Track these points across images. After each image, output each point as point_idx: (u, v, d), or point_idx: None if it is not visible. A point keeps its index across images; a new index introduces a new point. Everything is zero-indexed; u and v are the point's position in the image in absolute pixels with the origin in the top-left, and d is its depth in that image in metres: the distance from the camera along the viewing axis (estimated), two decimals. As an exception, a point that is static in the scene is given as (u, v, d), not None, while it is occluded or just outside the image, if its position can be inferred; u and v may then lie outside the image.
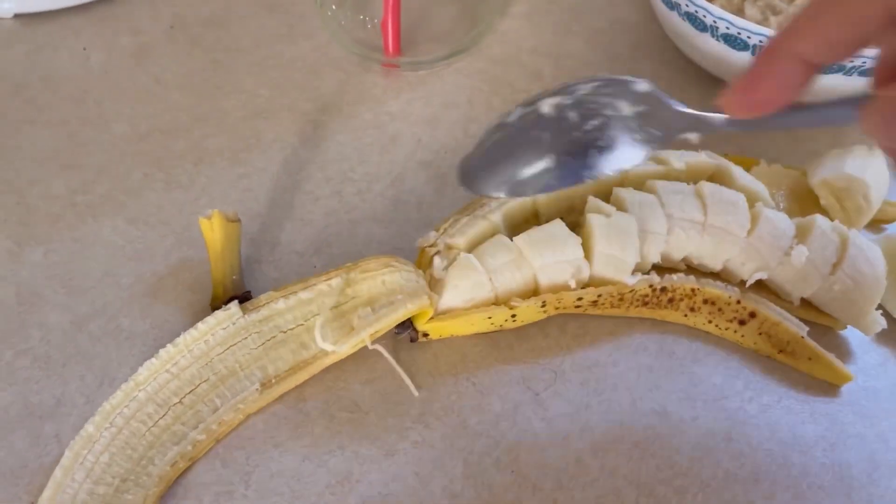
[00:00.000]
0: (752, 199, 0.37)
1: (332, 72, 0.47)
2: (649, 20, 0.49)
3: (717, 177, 0.38)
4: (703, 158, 0.38)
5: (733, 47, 0.40)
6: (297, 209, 0.41)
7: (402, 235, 0.40)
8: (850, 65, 0.38)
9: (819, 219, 0.36)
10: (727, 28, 0.38)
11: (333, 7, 0.45)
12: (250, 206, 0.41)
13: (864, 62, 0.37)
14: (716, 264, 0.36)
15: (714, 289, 0.36)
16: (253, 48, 0.48)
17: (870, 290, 0.35)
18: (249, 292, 0.37)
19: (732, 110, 0.28)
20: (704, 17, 0.39)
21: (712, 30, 0.39)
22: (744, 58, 0.40)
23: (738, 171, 0.37)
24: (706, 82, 0.46)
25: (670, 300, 0.36)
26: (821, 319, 0.37)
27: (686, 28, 0.41)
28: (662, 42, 0.48)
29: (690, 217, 0.35)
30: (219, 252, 0.36)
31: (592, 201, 0.36)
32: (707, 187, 0.36)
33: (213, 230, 0.36)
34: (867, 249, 0.35)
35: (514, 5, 0.50)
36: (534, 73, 0.47)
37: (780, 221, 0.35)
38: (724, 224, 0.35)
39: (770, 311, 0.36)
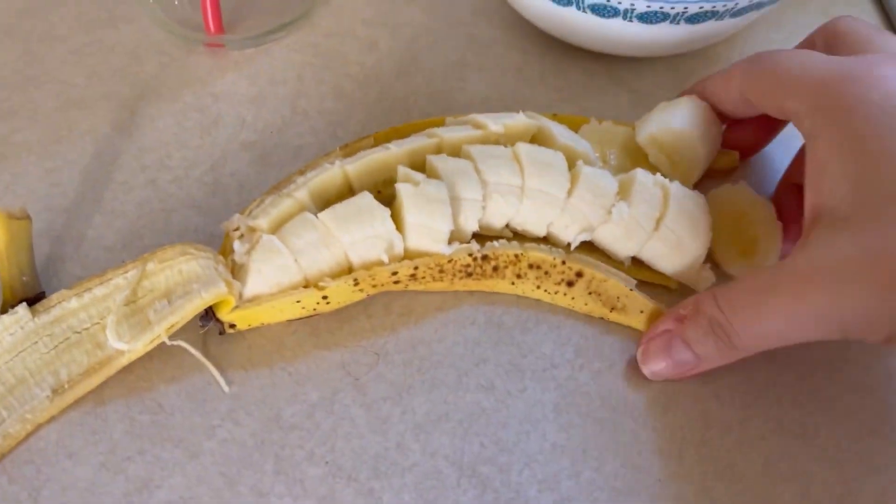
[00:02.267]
0: (574, 159, 0.35)
1: (154, 56, 0.44)
2: (491, -17, 0.47)
3: (538, 138, 0.36)
4: (523, 119, 0.36)
5: (558, 3, 0.38)
6: (107, 202, 0.38)
7: (219, 221, 0.37)
8: (623, 7, 0.37)
9: (639, 173, 0.34)
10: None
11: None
12: (57, 201, 0.38)
13: (686, 7, 0.36)
14: (540, 229, 0.35)
15: (538, 252, 0.34)
16: (70, 36, 0.45)
17: (695, 245, 0.34)
18: (43, 293, 0.34)
19: None
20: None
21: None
22: (569, 14, 0.38)
23: (558, 130, 0.35)
24: (546, 43, 0.44)
25: (495, 268, 0.35)
26: (654, 279, 0.36)
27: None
28: (501, 4, 0.46)
29: (507, 181, 0.34)
30: (2, 252, 0.33)
31: (402, 171, 0.34)
32: (523, 148, 0.34)
33: (-6, 230, 0.33)
34: (690, 201, 0.34)
35: (351, -25, 0.48)
36: (369, 44, 0.45)
37: (600, 179, 0.34)
38: (542, 186, 0.34)
39: (597, 269, 0.34)
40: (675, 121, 0.35)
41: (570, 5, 0.38)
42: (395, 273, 0.33)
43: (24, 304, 0.32)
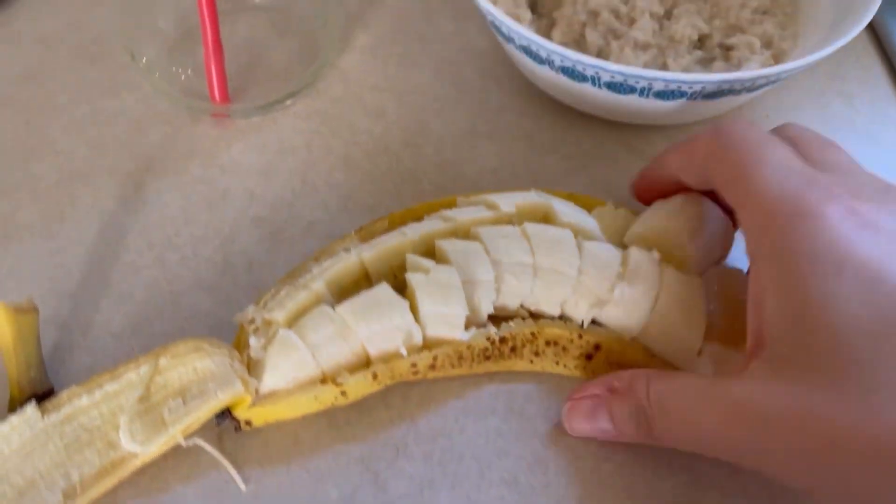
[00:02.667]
0: (581, 236, 0.34)
1: (158, 126, 0.43)
2: (498, 47, 0.47)
3: (549, 217, 0.35)
4: (534, 198, 0.35)
5: (573, 79, 0.38)
6: (114, 284, 0.37)
7: (230, 303, 0.37)
8: (640, 86, 0.36)
9: (634, 251, 0.34)
10: (562, 61, 0.36)
11: (144, 59, 0.41)
12: (63, 284, 0.37)
13: (650, 84, 0.36)
14: (553, 308, 0.34)
15: (555, 328, 0.34)
16: (70, 105, 0.44)
17: (688, 333, 0.33)
18: (52, 388, 0.33)
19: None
20: (538, 50, 0.37)
21: (549, 63, 0.37)
22: (584, 89, 0.38)
23: (562, 209, 0.35)
24: (556, 110, 0.44)
25: (512, 349, 0.34)
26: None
27: (525, 59, 0.39)
28: (512, 69, 0.46)
29: (518, 260, 0.33)
30: (10, 348, 0.32)
31: (411, 259, 0.33)
32: (531, 227, 0.34)
33: (0, 325, 0.32)
34: (683, 288, 0.33)
35: (356, 38, 0.47)
36: (377, 111, 0.44)
37: (602, 252, 0.33)
38: (553, 264, 0.33)
39: (614, 340, 0.34)
40: (660, 220, 0.35)
41: (586, 82, 0.37)
42: (414, 365, 0.32)
43: (34, 402, 0.31)
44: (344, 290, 0.34)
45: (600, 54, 0.40)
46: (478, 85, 0.45)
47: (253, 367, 0.31)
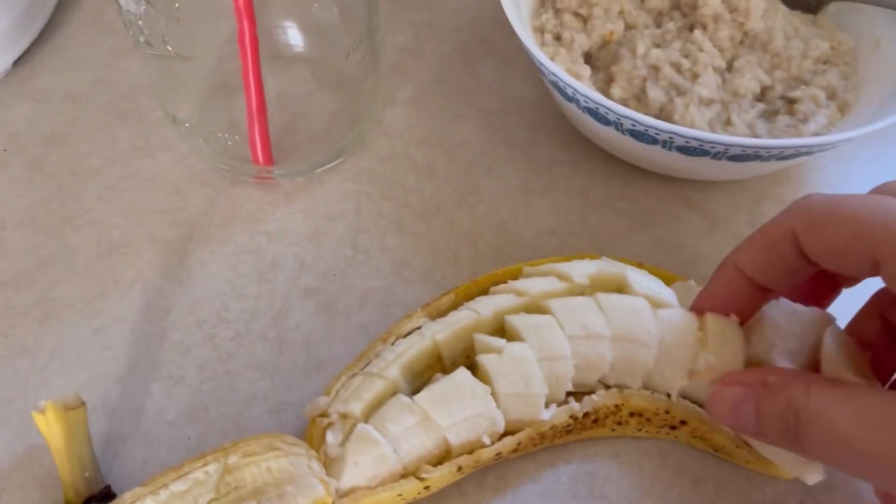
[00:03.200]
0: (657, 306, 0.33)
1: (198, 188, 0.41)
2: (544, 96, 0.45)
3: (623, 286, 0.34)
4: (605, 267, 0.34)
5: (642, 141, 0.36)
6: (164, 365, 0.35)
7: (289, 385, 0.35)
8: (714, 150, 0.35)
9: (710, 318, 0.32)
10: (633, 125, 0.35)
11: (187, 125, 0.39)
12: (109, 367, 0.35)
13: (727, 149, 0.34)
14: (635, 381, 0.33)
15: (640, 400, 0.32)
16: (105, 167, 0.42)
17: None
18: (109, 487, 0.31)
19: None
20: (607, 113, 0.35)
21: (616, 125, 0.36)
22: (654, 150, 0.37)
23: (635, 278, 0.33)
24: (610, 163, 0.42)
25: (595, 421, 0.33)
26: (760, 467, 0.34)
27: (588, 119, 0.37)
28: (560, 120, 0.44)
29: (594, 332, 0.32)
30: (62, 449, 0.30)
31: (479, 340, 0.31)
32: (604, 298, 0.32)
33: (49, 425, 0.30)
34: None
35: (399, 90, 0.45)
36: (425, 168, 0.42)
37: (680, 319, 0.32)
38: (630, 333, 0.32)
39: (702, 421, 0.33)
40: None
41: (656, 144, 0.36)
42: (498, 453, 0.31)
43: (93, 506, 0.29)
44: (417, 375, 0.32)
45: (662, 111, 0.38)
46: (526, 138, 0.44)
47: (330, 465, 0.30)
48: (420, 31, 0.48)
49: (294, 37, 0.41)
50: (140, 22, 0.33)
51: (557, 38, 0.41)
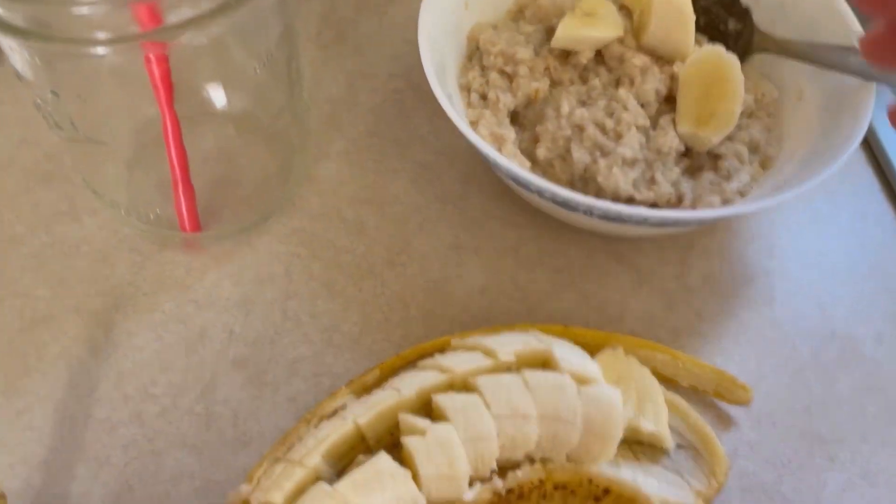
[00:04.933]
0: (582, 383, 0.33)
1: (125, 254, 0.40)
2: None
3: (549, 362, 0.34)
4: (533, 343, 0.34)
5: (564, 208, 0.36)
6: (89, 446, 0.35)
7: (216, 463, 0.35)
8: (633, 219, 0.35)
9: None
10: (553, 196, 0.35)
11: (108, 198, 0.39)
12: (33, 450, 0.35)
13: (646, 219, 0.35)
14: (560, 457, 0.33)
15: (563, 473, 0.33)
16: (28, 235, 0.41)
17: None
18: (31, 583, 0.31)
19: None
20: (527, 184, 0.35)
21: (539, 193, 0.36)
22: (576, 217, 0.37)
23: (561, 354, 0.34)
24: (541, 217, 0.42)
25: (519, 496, 0.33)
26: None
27: (513, 184, 0.38)
28: (493, 173, 0.44)
29: (521, 412, 0.32)
30: (-18, 549, 0.30)
31: (405, 421, 0.32)
32: (530, 376, 0.33)
33: (-31, 526, 0.29)
34: None
35: (332, 144, 0.45)
36: (357, 226, 0.42)
37: (601, 394, 0.32)
38: (555, 411, 0.32)
39: (624, 486, 0.33)
40: None
41: (578, 212, 0.36)
42: (420, 535, 0.31)
43: None
44: (341, 457, 0.32)
45: (587, 171, 0.39)
46: (458, 191, 0.44)
47: (251, 556, 0.30)
48: (354, 80, 0.48)
49: (220, 96, 0.41)
50: (48, 107, 0.32)
51: (483, 97, 0.41)
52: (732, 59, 0.38)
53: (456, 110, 0.38)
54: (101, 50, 0.28)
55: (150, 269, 0.40)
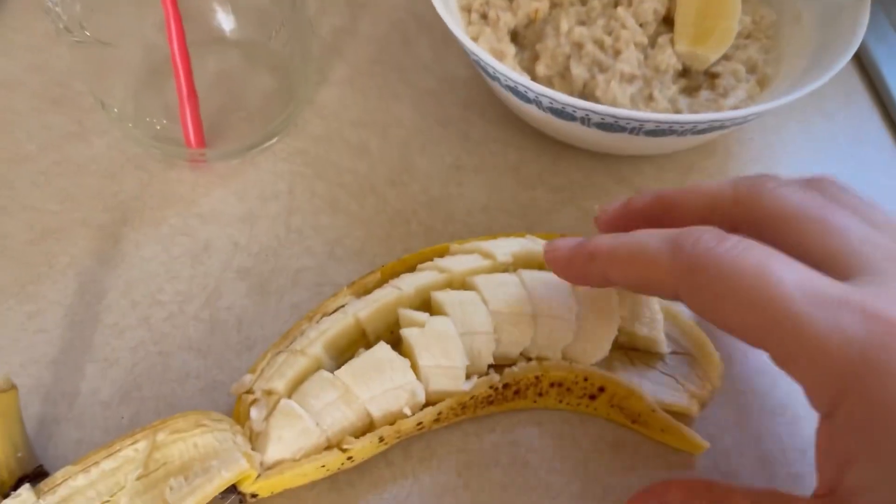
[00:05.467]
0: None
1: (132, 172, 0.41)
2: (478, 75, 0.46)
3: (545, 264, 0.35)
4: (528, 245, 0.35)
5: (562, 118, 0.37)
6: (98, 347, 0.36)
7: (221, 364, 0.36)
8: (630, 126, 0.36)
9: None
10: (550, 103, 0.36)
11: (115, 110, 0.40)
12: (43, 350, 0.36)
13: (642, 124, 0.35)
14: (556, 353, 0.34)
15: (559, 371, 0.34)
16: (38, 154, 0.42)
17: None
18: (41, 466, 0.32)
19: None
20: (526, 91, 0.36)
21: (537, 103, 0.37)
22: (573, 127, 0.37)
23: None
24: (542, 140, 0.43)
25: (516, 392, 0.34)
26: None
27: (511, 97, 0.38)
28: (493, 98, 0.45)
29: (516, 309, 0.33)
30: (-5, 431, 0.31)
31: (404, 315, 0.33)
32: (527, 275, 0.33)
33: (-19, 409, 0.30)
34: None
35: (334, 71, 0.46)
36: (359, 148, 0.43)
37: (595, 293, 0.33)
38: (550, 309, 0.33)
39: (619, 384, 0.34)
40: None
41: (575, 121, 0.37)
42: (419, 423, 0.32)
43: (27, 484, 0.30)
44: (342, 351, 0.33)
45: (586, 87, 0.39)
46: (460, 116, 0.44)
47: (255, 440, 0.31)
48: (356, 11, 0.49)
49: (223, 19, 0.42)
50: (57, 8, 0.33)
51: (484, 16, 0.41)
52: (730, -24, 0.39)
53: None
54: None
55: (157, 186, 0.41)
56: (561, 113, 0.36)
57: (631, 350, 0.36)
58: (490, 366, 0.33)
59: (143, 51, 0.40)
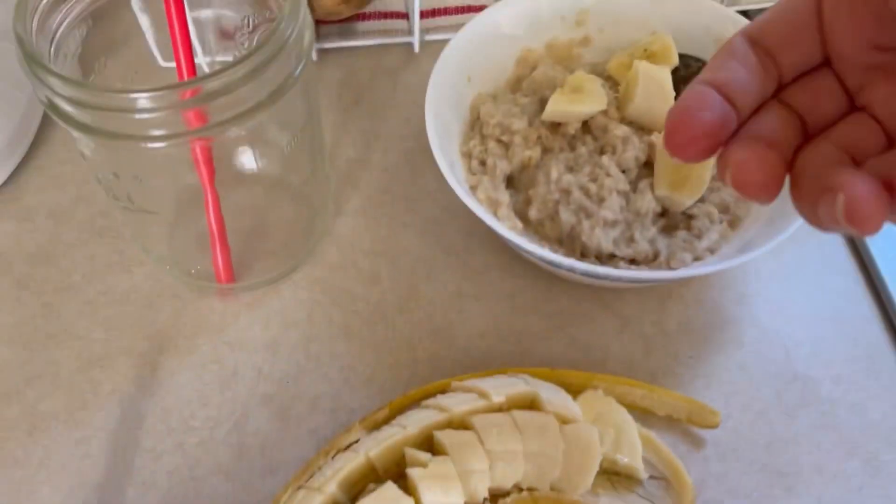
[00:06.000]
0: (565, 422, 0.38)
1: (168, 300, 0.46)
2: (479, 204, 0.51)
3: (535, 403, 0.39)
4: (522, 387, 0.39)
5: (552, 266, 0.42)
6: (138, 471, 0.40)
7: (246, 488, 0.40)
8: (610, 278, 0.40)
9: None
10: (540, 257, 0.40)
11: (155, 254, 0.45)
12: (89, 474, 0.40)
13: (620, 277, 0.40)
14: (544, 486, 0.38)
15: (547, 501, 0.38)
16: (84, 284, 0.47)
17: None
18: (92, 590, 0.36)
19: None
20: (516, 247, 0.41)
21: (529, 253, 0.41)
22: (562, 272, 0.42)
23: (546, 396, 0.39)
24: (535, 270, 0.48)
25: None
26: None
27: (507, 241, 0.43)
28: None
29: (509, 448, 0.37)
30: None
31: (409, 454, 0.37)
32: (519, 416, 0.38)
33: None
34: None
35: (349, 201, 0.51)
36: (371, 276, 0.48)
37: (581, 432, 0.37)
38: (540, 448, 0.37)
39: None
40: None
41: (563, 269, 0.41)
42: (423, 557, 0.36)
43: None
44: (353, 485, 0.37)
45: (573, 231, 0.44)
46: (462, 244, 0.49)
47: (277, 570, 0.35)
48: (369, 141, 0.54)
49: (253, 166, 0.47)
50: (109, 184, 0.38)
51: (483, 162, 0.46)
52: (702, 132, 0.43)
53: (457, 176, 0.43)
54: (155, 144, 0.34)
55: (190, 314, 0.46)
56: (550, 262, 0.41)
57: (613, 475, 0.40)
58: (485, 498, 0.38)
59: (177, 198, 0.45)
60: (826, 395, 0.44)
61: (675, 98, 0.45)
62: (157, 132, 0.33)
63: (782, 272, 0.48)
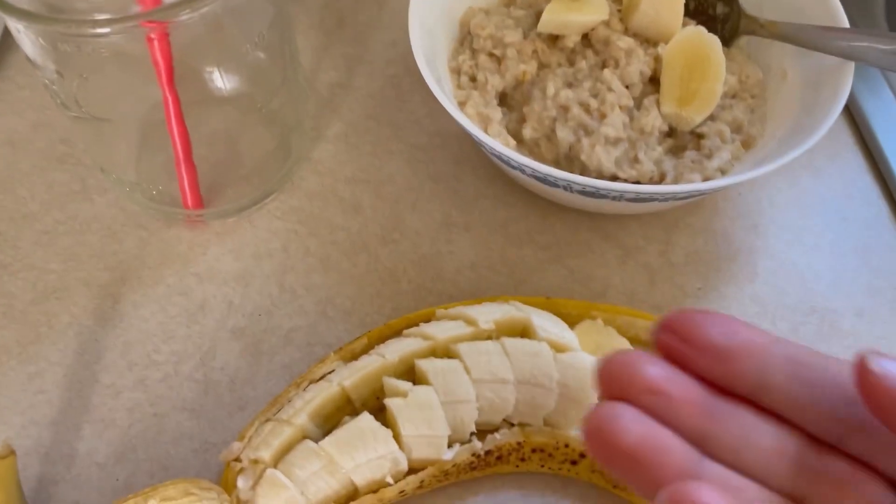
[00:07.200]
0: (560, 350, 0.35)
1: (132, 230, 0.43)
2: (470, 130, 0.47)
3: (527, 331, 0.36)
4: (512, 312, 0.36)
5: (545, 184, 0.38)
6: (96, 408, 0.37)
7: (214, 426, 0.37)
8: (611, 195, 0.36)
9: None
10: (533, 172, 0.36)
11: (114, 175, 0.41)
12: (43, 411, 0.37)
13: (622, 194, 0.36)
14: (537, 420, 0.35)
15: (541, 436, 0.34)
16: (42, 212, 0.43)
17: None
18: (39, 531, 0.33)
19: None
20: (509, 160, 0.37)
21: (520, 170, 0.37)
22: (557, 192, 0.38)
23: (539, 323, 0.35)
24: (530, 198, 0.44)
25: (498, 458, 0.35)
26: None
27: (498, 161, 0.39)
28: (485, 155, 0.46)
29: (499, 377, 0.34)
30: (-7, 498, 0.32)
31: (388, 383, 0.33)
32: (509, 343, 0.34)
33: (-19, 477, 0.32)
34: None
35: (330, 127, 0.47)
36: (353, 205, 0.44)
37: (577, 361, 0.34)
38: (532, 377, 0.34)
39: None
40: None
41: (558, 188, 0.37)
42: (402, 491, 0.33)
43: (21, 550, 0.31)
44: (328, 418, 0.34)
45: (571, 150, 0.40)
46: (451, 172, 0.45)
47: (241, 508, 0.32)
48: (352, 66, 0.50)
49: (221, 79, 0.43)
50: (54, 86, 0.34)
51: (473, 79, 0.42)
52: (713, 39, 0.40)
53: (445, 92, 0.39)
54: (103, 30, 0.30)
55: (156, 245, 0.42)
56: (544, 180, 0.37)
57: (613, 412, 0.37)
58: (472, 432, 0.34)
59: (141, 120, 0.41)
60: (849, 329, 0.40)
61: (684, 7, 0.41)
62: (103, 16, 0.29)
63: (800, 201, 0.45)
